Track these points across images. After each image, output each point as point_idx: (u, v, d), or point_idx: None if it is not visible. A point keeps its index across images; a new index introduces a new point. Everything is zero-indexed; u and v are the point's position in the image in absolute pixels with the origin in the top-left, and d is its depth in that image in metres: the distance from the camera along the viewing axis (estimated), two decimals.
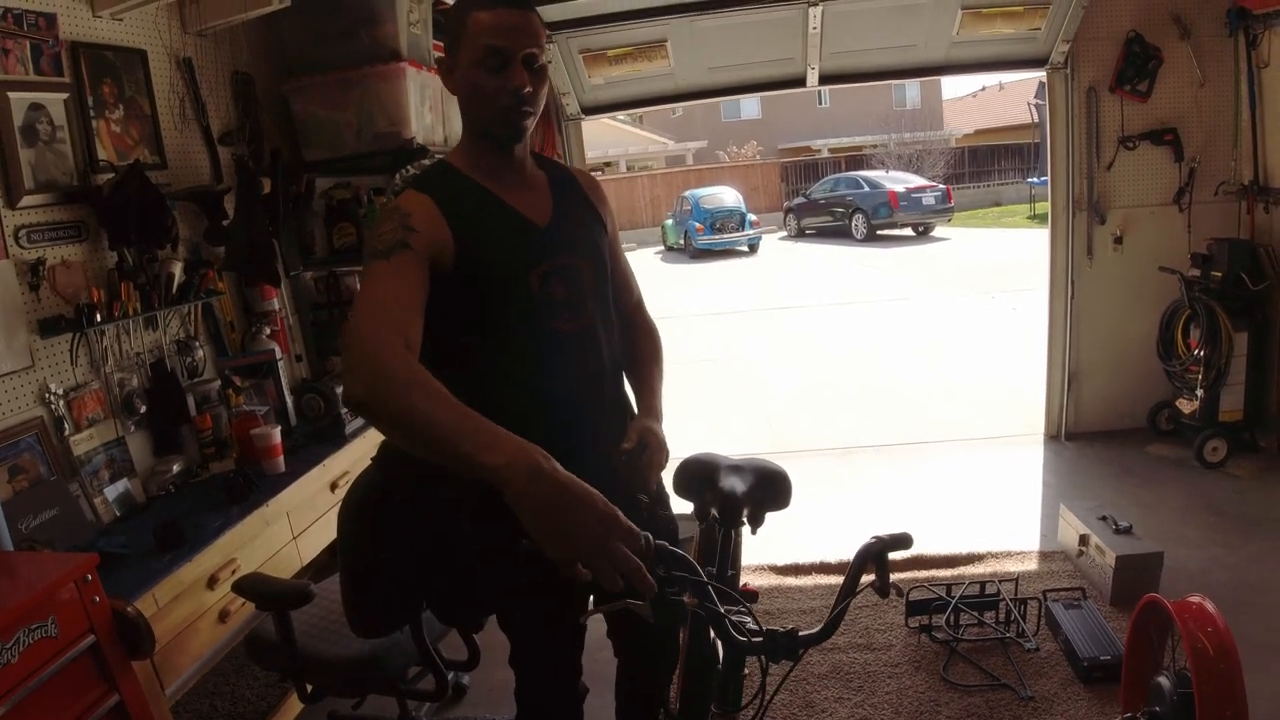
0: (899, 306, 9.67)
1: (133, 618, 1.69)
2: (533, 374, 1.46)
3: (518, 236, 1.46)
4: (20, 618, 1.48)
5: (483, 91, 1.38)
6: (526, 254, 1.45)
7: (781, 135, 26.41)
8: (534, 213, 1.49)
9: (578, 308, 1.48)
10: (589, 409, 1.52)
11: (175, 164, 2.84)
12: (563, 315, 1.47)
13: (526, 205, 1.49)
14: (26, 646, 1.47)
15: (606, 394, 1.57)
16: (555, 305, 1.46)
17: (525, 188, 1.51)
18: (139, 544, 2.14)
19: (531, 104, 1.41)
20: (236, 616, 2.26)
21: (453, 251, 1.37)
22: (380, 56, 3.30)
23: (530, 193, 1.51)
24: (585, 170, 1.71)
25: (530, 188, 1.52)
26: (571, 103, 4.37)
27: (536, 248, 1.46)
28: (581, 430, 1.49)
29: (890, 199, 16.08)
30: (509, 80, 1.36)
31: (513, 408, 1.23)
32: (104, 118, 2.50)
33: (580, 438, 1.45)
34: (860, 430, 5.18)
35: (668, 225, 18.95)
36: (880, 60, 4.13)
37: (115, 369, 2.50)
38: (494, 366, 1.45)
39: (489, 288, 1.41)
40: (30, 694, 1.46)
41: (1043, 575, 3.07)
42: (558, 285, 1.46)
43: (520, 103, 1.38)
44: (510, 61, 1.36)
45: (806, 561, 3.41)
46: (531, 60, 1.39)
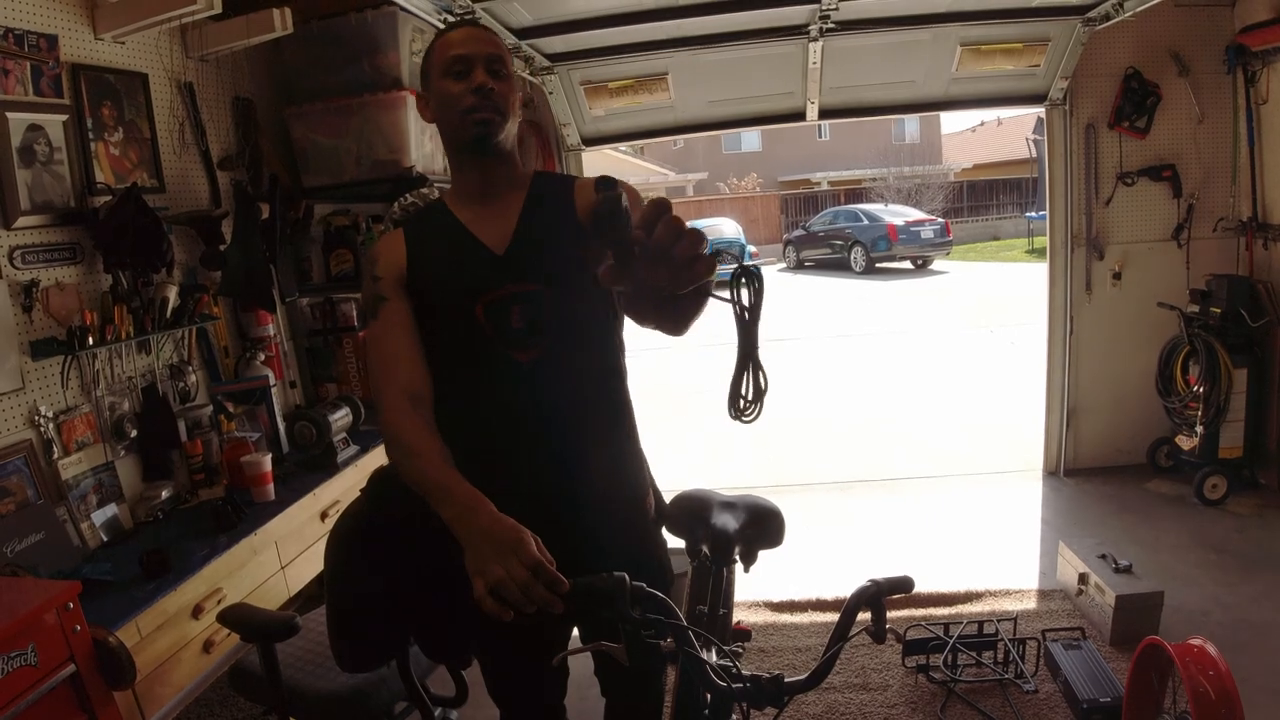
0: (897, 340, 9.66)
1: (114, 648, 1.65)
2: (488, 403, 1.46)
3: (466, 265, 1.46)
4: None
5: (449, 98, 1.41)
6: (471, 283, 1.44)
7: (781, 168, 26.60)
8: (494, 238, 1.47)
9: (536, 336, 1.44)
10: (557, 439, 1.47)
11: (174, 188, 2.85)
12: (520, 344, 1.44)
13: (490, 231, 1.48)
14: (5, 674, 1.44)
15: (582, 422, 1.50)
16: (510, 334, 1.44)
17: (497, 212, 1.49)
18: (125, 571, 2.11)
19: (495, 103, 1.41)
20: (221, 647, 2.21)
21: (406, 280, 1.45)
22: (382, 85, 3.32)
23: (502, 217, 1.49)
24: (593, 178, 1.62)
25: (503, 212, 1.49)
26: (572, 133, 4.39)
27: (483, 276, 1.44)
28: (549, 460, 1.47)
29: (889, 232, 16.15)
30: (471, 81, 1.40)
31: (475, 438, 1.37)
32: (103, 140, 2.51)
33: (547, 467, 1.46)
34: (858, 464, 5.15)
35: None
36: (880, 95, 4.16)
37: (106, 392, 2.48)
38: (456, 396, 1.45)
39: (437, 317, 1.44)
40: None
41: (1041, 614, 3.02)
42: (513, 313, 1.44)
43: (483, 100, 1.40)
44: (473, 66, 1.41)
45: (802, 598, 3.36)
46: (494, 65, 1.42)
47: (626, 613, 1.07)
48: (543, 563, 1.07)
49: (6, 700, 1.44)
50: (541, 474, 1.46)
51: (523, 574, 1.05)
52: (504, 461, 1.44)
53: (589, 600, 1.08)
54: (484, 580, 1.06)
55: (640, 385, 1.65)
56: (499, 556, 1.08)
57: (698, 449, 5.91)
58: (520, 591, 1.04)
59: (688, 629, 1.12)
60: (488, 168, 1.47)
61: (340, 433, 3.04)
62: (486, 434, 1.44)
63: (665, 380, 8.64)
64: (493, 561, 1.08)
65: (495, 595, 1.05)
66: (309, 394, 3.61)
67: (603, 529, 1.50)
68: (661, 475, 1.83)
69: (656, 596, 1.11)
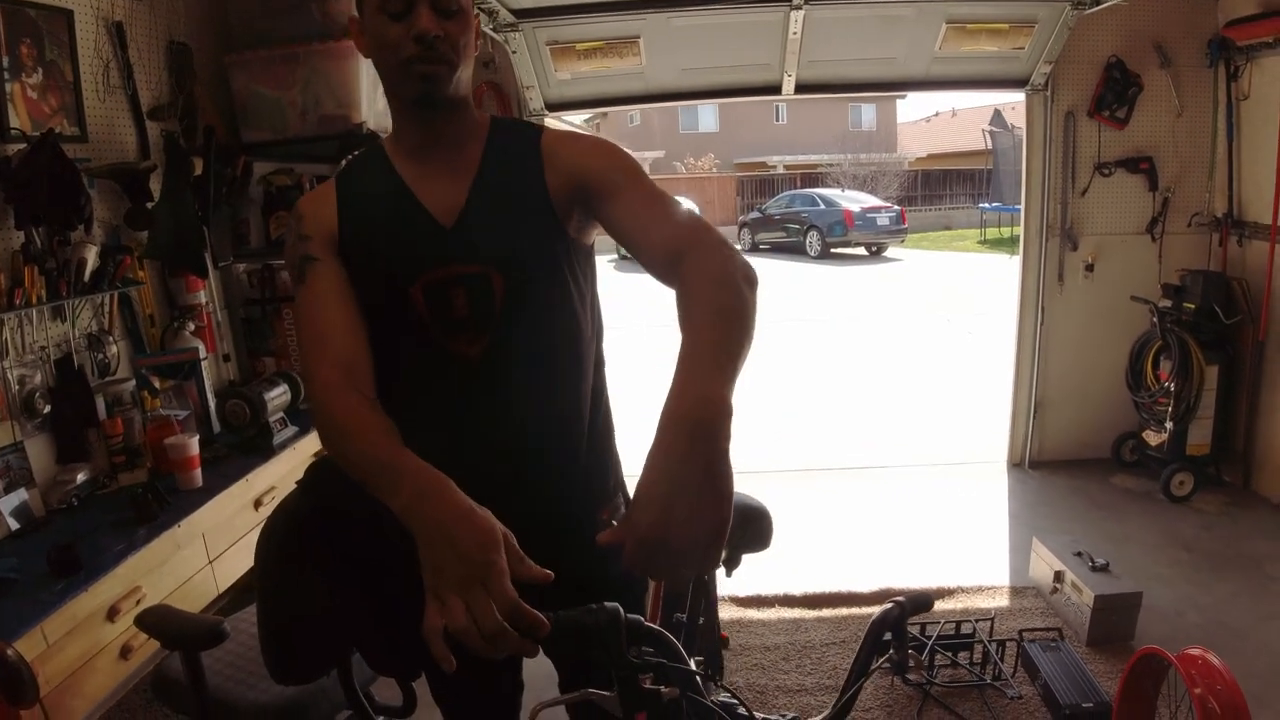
0: (853, 326, 9.64)
1: (13, 662, 1.43)
2: (425, 400, 1.24)
3: (404, 236, 1.22)
4: None
5: (386, 42, 1.13)
6: (409, 261, 1.20)
7: (739, 149, 26.51)
8: (441, 205, 1.22)
9: (481, 325, 1.21)
10: (507, 445, 1.25)
11: (98, 138, 2.57)
12: (463, 335, 1.21)
13: (436, 194, 1.23)
14: None
15: (539, 425, 1.27)
16: (452, 323, 1.21)
17: (446, 169, 1.24)
18: (31, 568, 1.87)
19: (442, 53, 1.14)
20: (141, 652, 1.99)
21: (338, 247, 1.22)
22: (331, 33, 3.08)
23: (451, 178, 1.24)
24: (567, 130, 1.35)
25: (454, 171, 1.24)
26: (535, 98, 4.15)
27: (424, 252, 1.21)
28: (500, 471, 1.21)
29: (845, 218, 16.19)
30: (413, 24, 1.12)
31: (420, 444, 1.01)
32: (20, 81, 2.23)
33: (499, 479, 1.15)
34: (819, 452, 5.06)
35: None
36: (859, 72, 4.02)
37: (15, 364, 2.21)
38: (394, 389, 1.19)
39: (369, 298, 1.20)
40: None
41: (1015, 613, 2.94)
42: (457, 298, 1.20)
43: (427, 50, 1.12)
44: (411, 7, 1.12)
45: (769, 593, 3.24)
46: (442, 2, 1.14)
47: (622, 656, 0.88)
48: (520, 605, 0.81)
49: None
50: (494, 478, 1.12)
51: (492, 622, 0.79)
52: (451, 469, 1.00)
53: (575, 640, 0.88)
54: (440, 616, 0.80)
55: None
56: (463, 585, 0.81)
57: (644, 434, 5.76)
58: (485, 642, 0.79)
59: (697, 674, 0.94)
60: (432, 122, 1.22)
61: (277, 412, 2.80)
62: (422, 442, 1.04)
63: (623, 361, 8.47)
64: (455, 590, 0.81)
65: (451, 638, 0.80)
66: (244, 369, 3.35)
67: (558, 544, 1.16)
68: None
69: (657, 633, 0.93)
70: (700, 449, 0.84)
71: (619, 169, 1.23)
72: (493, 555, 0.83)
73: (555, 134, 1.29)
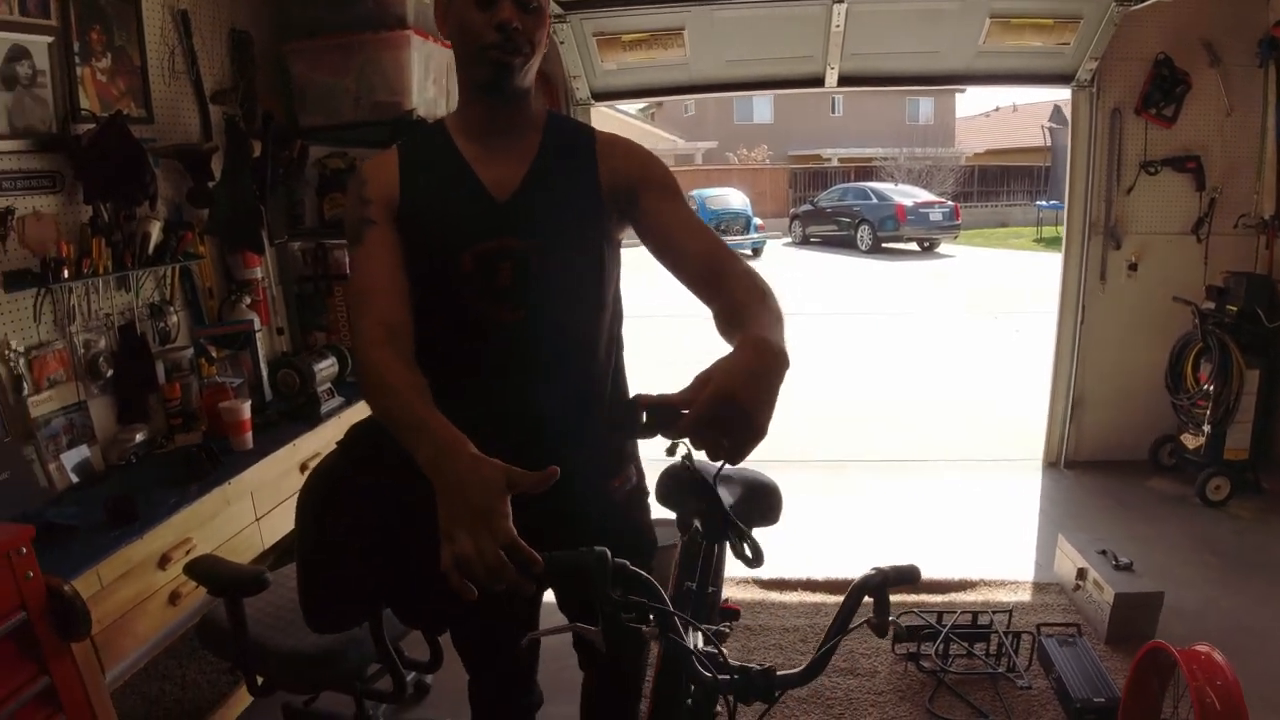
0: (900, 321, 9.57)
1: (69, 597, 1.57)
2: (464, 360, 1.36)
3: (463, 209, 1.33)
4: None
5: (468, 26, 1.25)
6: (465, 228, 1.31)
7: (793, 141, 26.29)
8: (499, 184, 1.33)
9: (520, 296, 1.32)
10: (531, 408, 1.35)
11: (163, 119, 2.71)
12: (505, 304, 1.32)
13: (494, 172, 1.34)
14: None
15: (564, 388, 1.38)
16: (497, 291, 1.31)
17: (506, 155, 1.35)
18: (90, 516, 2.02)
19: (518, 44, 1.26)
20: (189, 599, 2.13)
21: (397, 213, 1.32)
22: (385, 23, 3.17)
23: (510, 162, 1.35)
24: (618, 136, 1.44)
25: (512, 156, 1.36)
26: (582, 87, 4.24)
27: (479, 223, 1.32)
28: (522, 430, 1.33)
29: (898, 212, 15.99)
30: (495, 14, 1.23)
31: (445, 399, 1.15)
32: (90, 65, 2.37)
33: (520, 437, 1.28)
34: (854, 444, 5.08)
35: None
36: (902, 65, 4.02)
37: (81, 329, 2.37)
38: (437, 348, 1.32)
39: (422, 260, 1.31)
40: None
41: (1036, 607, 2.96)
42: (503, 269, 1.31)
43: (505, 40, 1.24)
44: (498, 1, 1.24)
45: (792, 577, 3.30)
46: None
47: (606, 594, 0.98)
48: (516, 542, 0.94)
49: None
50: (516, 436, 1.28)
51: (494, 554, 0.93)
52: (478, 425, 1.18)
53: (565, 578, 0.98)
54: (451, 552, 0.94)
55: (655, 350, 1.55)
56: (470, 524, 0.94)
57: None
58: (488, 572, 0.93)
59: (673, 614, 1.03)
60: (497, 107, 1.33)
61: (325, 383, 2.94)
62: (459, 395, 1.26)
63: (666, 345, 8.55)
64: (464, 529, 0.94)
65: (461, 571, 0.94)
66: (297, 341, 3.50)
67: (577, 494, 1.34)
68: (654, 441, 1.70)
69: (640, 576, 1.02)
70: (771, 363, 1.01)
71: (667, 184, 1.38)
72: (496, 501, 0.96)
73: (609, 137, 1.42)
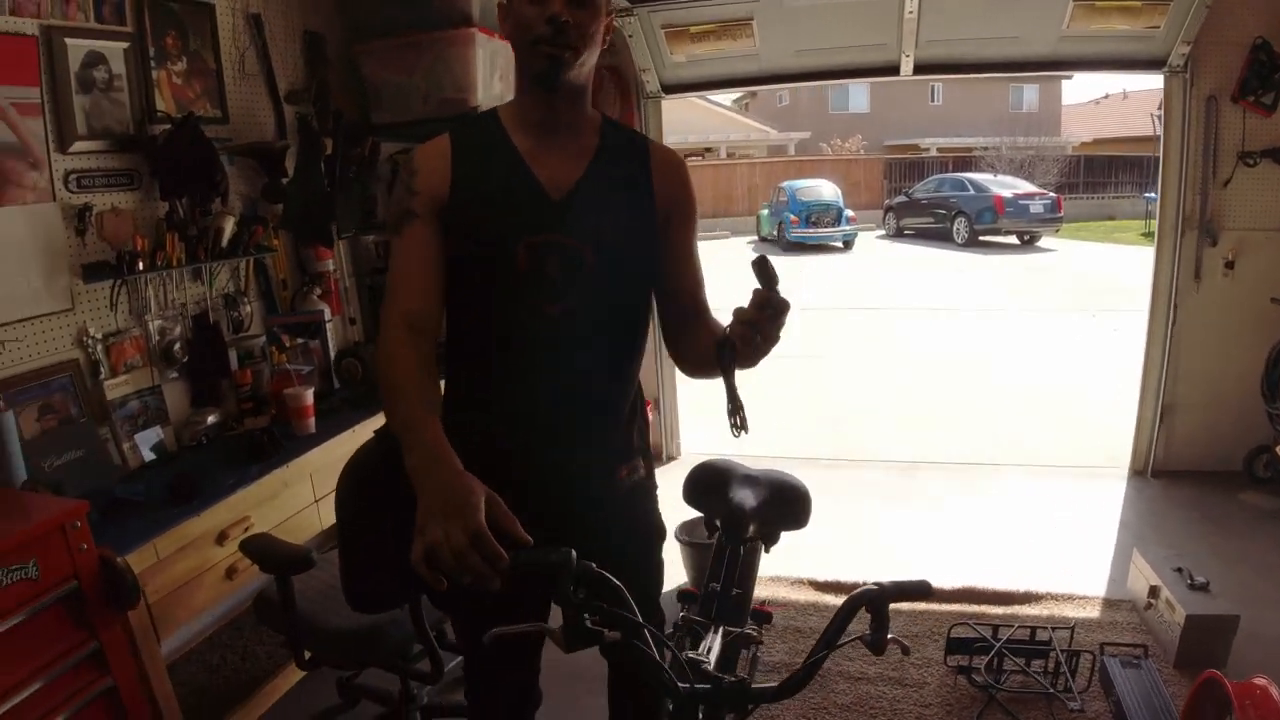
0: (993, 317, 9.20)
1: (120, 569, 1.67)
2: (506, 345, 1.38)
3: (519, 201, 1.34)
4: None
5: (523, 20, 1.27)
6: (521, 222, 1.33)
7: (889, 131, 25.55)
8: (554, 182, 1.35)
9: (564, 290, 1.35)
10: (568, 399, 1.39)
11: (237, 119, 2.85)
12: (551, 297, 1.34)
13: (550, 172, 1.36)
14: (4, 586, 1.47)
15: (593, 387, 1.43)
16: (545, 284, 1.33)
17: (562, 153, 1.37)
18: (155, 493, 2.15)
19: (569, 37, 1.26)
20: (246, 574, 2.24)
21: (446, 203, 1.33)
22: (451, 21, 3.24)
23: (565, 160, 1.37)
24: (670, 150, 1.50)
25: (568, 154, 1.38)
26: (652, 80, 4.23)
27: (535, 218, 1.33)
28: (555, 419, 1.39)
29: (996, 204, 15.33)
30: (547, 7, 1.25)
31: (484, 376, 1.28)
32: (165, 69, 2.51)
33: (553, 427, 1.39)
34: (930, 445, 4.91)
35: (763, 215, 18.58)
36: (981, 52, 3.84)
37: (156, 317, 2.52)
38: (480, 333, 1.38)
39: (475, 249, 1.34)
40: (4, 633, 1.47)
41: (1103, 625, 2.80)
42: (550, 263, 1.33)
43: (556, 33, 1.25)
44: None
45: (848, 580, 3.21)
46: None
47: (567, 594, 0.98)
48: (484, 532, 0.98)
49: (6, 610, 1.48)
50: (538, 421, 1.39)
51: (461, 541, 0.97)
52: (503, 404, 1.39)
53: (530, 576, 0.99)
54: (421, 542, 0.99)
55: None
56: (443, 517, 1.00)
57: (764, 414, 5.77)
58: (454, 560, 0.96)
59: (630, 619, 1.01)
60: (552, 103, 1.34)
61: None
62: (498, 376, 1.39)
63: None
64: (435, 521, 0.99)
65: (430, 561, 0.97)
66: (369, 331, 3.63)
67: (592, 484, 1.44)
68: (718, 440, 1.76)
69: (608, 581, 1.02)
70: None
71: (692, 212, 1.48)
72: (471, 497, 1.02)
73: (660, 148, 1.48)
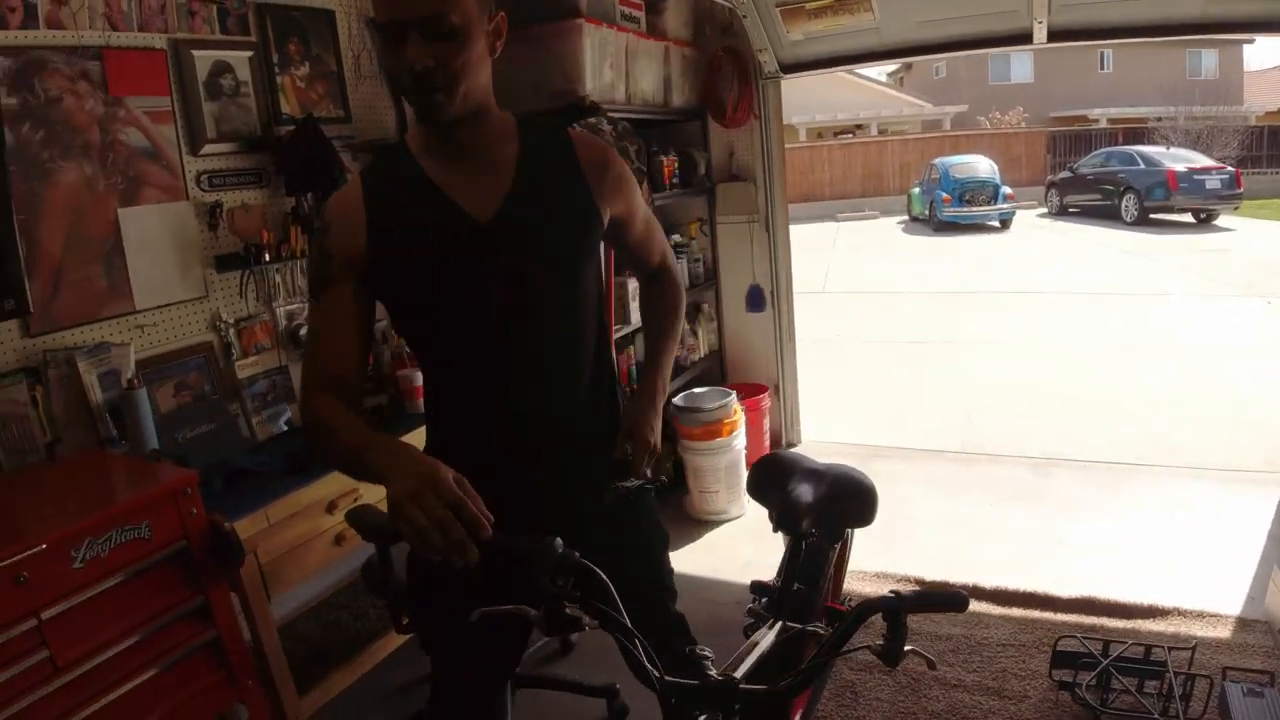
0: (1157, 302, 8.45)
1: (225, 531, 1.86)
2: (471, 378, 1.34)
3: (446, 235, 1.27)
4: (115, 518, 1.69)
5: (389, 71, 1.28)
6: (453, 255, 1.27)
7: (1054, 102, 23.78)
8: (478, 205, 1.27)
9: (527, 315, 1.30)
10: (544, 421, 1.36)
11: (359, 117, 3.03)
12: (507, 324, 1.30)
13: (472, 195, 1.28)
14: (118, 544, 1.67)
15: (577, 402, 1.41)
16: (499, 312, 1.29)
17: (480, 172, 1.29)
18: (275, 464, 2.35)
19: (434, 82, 1.16)
20: (354, 542, 2.41)
21: (367, 255, 1.27)
22: (559, 13, 3.32)
23: (484, 178, 1.29)
24: (591, 135, 1.46)
25: (486, 171, 1.29)
26: (769, 60, 4.15)
27: (466, 248, 1.27)
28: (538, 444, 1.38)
29: (1168, 179, 13.96)
30: (404, 56, 1.14)
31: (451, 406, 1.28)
32: (289, 74, 2.71)
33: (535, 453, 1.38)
34: (1068, 441, 4.55)
35: (913, 194, 17.84)
36: (1125, 14, 3.49)
37: (284, 303, 2.74)
38: (437, 375, 1.38)
39: (414, 297, 1.30)
40: (117, 585, 1.67)
41: (1231, 647, 2.54)
42: (500, 289, 1.28)
43: (417, 82, 1.16)
44: (403, 34, 1.13)
45: (959, 581, 3.08)
46: (431, 25, 1.13)
47: (545, 581, 1.01)
48: (462, 500, 1.01)
49: (118, 566, 1.68)
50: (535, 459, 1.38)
51: (439, 511, 0.99)
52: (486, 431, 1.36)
53: (510, 560, 1.02)
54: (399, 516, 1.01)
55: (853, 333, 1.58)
56: (415, 488, 1.01)
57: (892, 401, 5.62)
58: (437, 531, 0.99)
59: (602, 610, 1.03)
60: (449, 133, 1.26)
61: None
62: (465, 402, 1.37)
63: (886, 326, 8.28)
64: (407, 496, 1.01)
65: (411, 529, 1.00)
66: None
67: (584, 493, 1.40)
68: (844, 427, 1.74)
69: (586, 569, 1.03)
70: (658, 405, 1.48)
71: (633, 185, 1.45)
72: (441, 472, 1.04)
73: (581, 137, 1.40)
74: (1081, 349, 6.82)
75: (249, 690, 1.94)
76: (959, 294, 9.70)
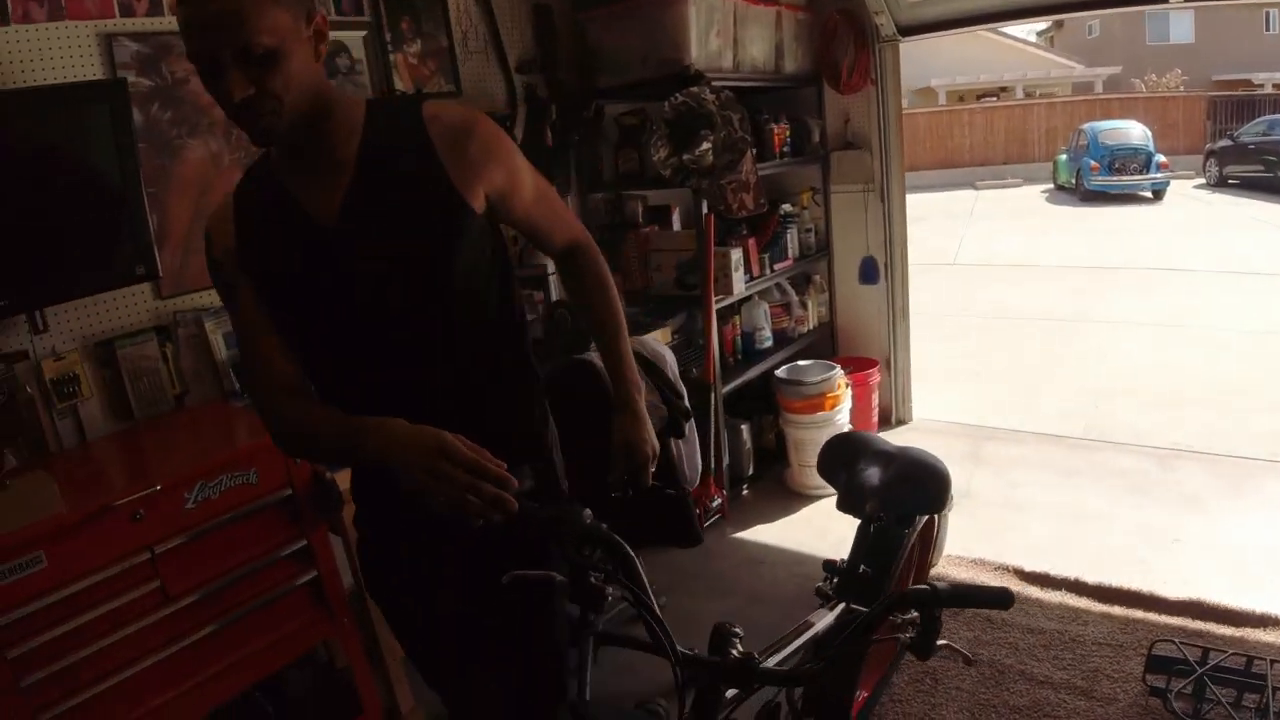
0: None
1: (327, 482, 2.02)
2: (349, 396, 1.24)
3: (295, 241, 1.21)
4: (225, 465, 1.88)
5: (216, 101, 1.12)
6: (302, 263, 1.21)
7: (1216, 65, 21.60)
8: (321, 209, 1.21)
9: (393, 317, 1.23)
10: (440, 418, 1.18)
11: (470, 91, 3.14)
12: (374, 328, 1.24)
13: (316, 198, 1.21)
14: (227, 488, 1.87)
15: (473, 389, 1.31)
16: (361, 317, 1.23)
17: (320, 174, 1.21)
18: None
19: (257, 108, 1.09)
20: None
21: (237, 262, 1.24)
22: None
23: (326, 180, 1.21)
24: (451, 108, 1.28)
25: (326, 173, 1.21)
26: (886, 23, 3.97)
27: (312, 254, 1.21)
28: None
29: None
30: (221, 88, 1.07)
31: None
32: (402, 52, 2.85)
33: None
34: (1199, 433, 4.23)
35: (1060, 161, 16.71)
36: None
37: None
38: (323, 388, 1.29)
39: (280, 306, 1.24)
40: (226, 525, 1.87)
41: None
42: (357, 294, 1.21)
43: (240, 113, 1.09)
44: (218, 64, 1.06)
45: (1058, 575, 2.96)
46: (246, 52, 1.05)
47: (571, 550, 1.05)
48: (476, 459, 1.04)
49: (227, 509, 1.87)
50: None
51: (462, 476, 1.03)
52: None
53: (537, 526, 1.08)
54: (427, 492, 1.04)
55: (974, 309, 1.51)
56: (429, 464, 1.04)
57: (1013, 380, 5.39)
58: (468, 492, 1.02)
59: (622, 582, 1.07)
60: (289, 138, 1.17)
61: None
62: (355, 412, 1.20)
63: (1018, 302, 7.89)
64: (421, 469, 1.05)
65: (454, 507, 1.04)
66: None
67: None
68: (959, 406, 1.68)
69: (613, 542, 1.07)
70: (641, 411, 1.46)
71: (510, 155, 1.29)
72: (445, 438, 1.07)
73: (435, 113, 1.25)
74: (1227, 334, 6.26)
75: (344, 628, 2.12)
76: (1100, 269, 9.09)
